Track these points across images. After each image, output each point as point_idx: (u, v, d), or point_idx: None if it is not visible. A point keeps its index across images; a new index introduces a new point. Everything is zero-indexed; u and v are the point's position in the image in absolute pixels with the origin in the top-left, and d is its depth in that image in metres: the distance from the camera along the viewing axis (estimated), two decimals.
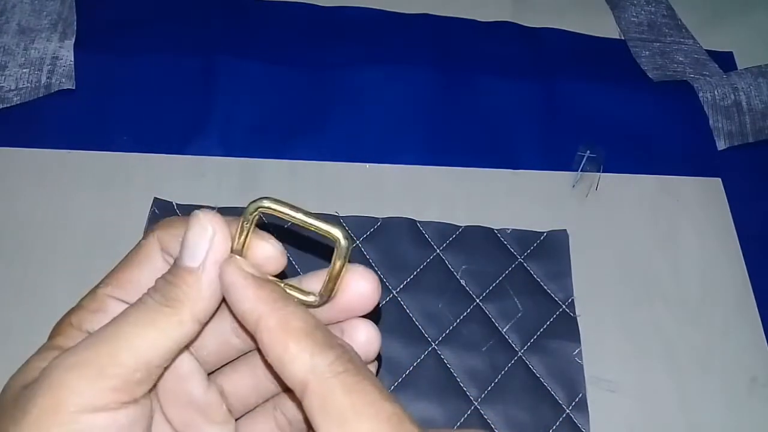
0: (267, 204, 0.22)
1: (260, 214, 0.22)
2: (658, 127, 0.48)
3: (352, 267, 0.22)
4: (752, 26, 0.54)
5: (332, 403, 0.19)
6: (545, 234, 0.42)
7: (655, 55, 0.52)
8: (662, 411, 0.37)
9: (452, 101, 0.48)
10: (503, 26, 0.53)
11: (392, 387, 0.37)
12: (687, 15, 0.54)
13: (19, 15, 0.49)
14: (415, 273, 0.41)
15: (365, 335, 0.23)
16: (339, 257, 0.22)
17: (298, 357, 0.20)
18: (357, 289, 0.22)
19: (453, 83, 0.49)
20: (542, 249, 0.42)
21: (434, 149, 0.46)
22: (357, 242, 0.41)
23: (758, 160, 0.47)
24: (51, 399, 0.19)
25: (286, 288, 0.22)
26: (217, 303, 0.22)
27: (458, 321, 0.39)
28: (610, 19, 0.54)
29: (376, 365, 0.24)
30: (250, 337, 0.22)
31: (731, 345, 0.40)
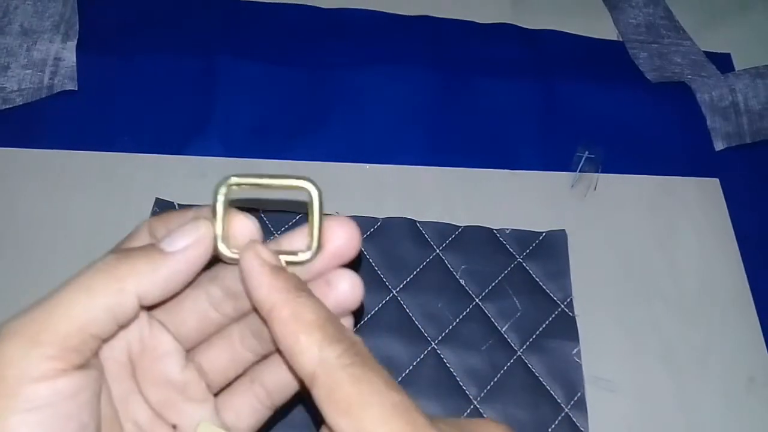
0: (235, 180, 0.22)
1: (231, 192, 0.22)
2: (656, 128, 0.48)
3: (329, 216, 0.23)
4: (750, 28, 0.55)
5: (340, 394, 0.19)
6: (544, 234, 0.43)
7: (653, 57, 0.52)
8: (660, 410, 0.37)
9: (452, 102, 0.49)
10: (502, 28, 0.53)
11: None
12: (685, 17, 0.55)
13: (22, 16, 0.50)
14: (415, 273, 0.41)
15: (349, 282, 0.23)
16: (315, 206, 0.22)
17: (308, 349, 0.20)
18: (341, 234, 0.23)
19: (452, 84, 0.49)
20: (541, 249, 0.42)
21: (434, 149, 0.46)
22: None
23: (756, 161, 0.48)
24: None
25: (279, 252, 0.23)
26: (164, 296, 0.22)
27: (458, 320, 0.39)
28: (609, 21, 0.55)
29: (352, 320, 0.25)
30: (263, 322, 0.22)
31: (729, 345, 0.40)
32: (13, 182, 0.43)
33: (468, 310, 0.40)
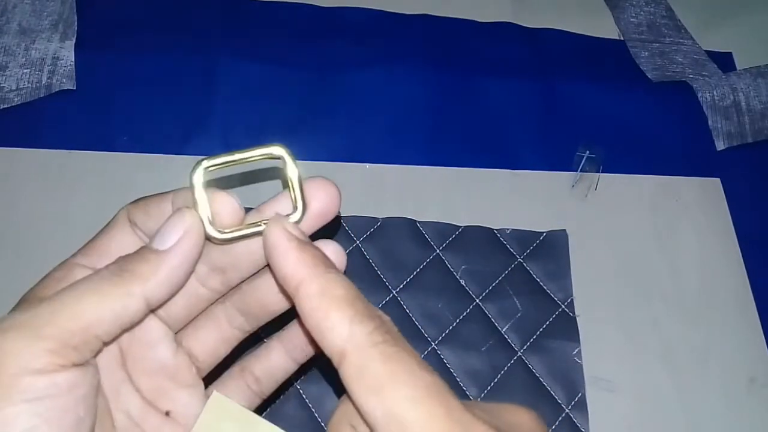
0: (207, 163, 0.23)
1: (207, 175, 0.23)
2: (658, 128, 0.48)
3: (306, 179, 0.23)
4: (751, 27, 0.55)
5: (370, 372, 0.19)
6: (545, 234, 0.42)
7: (655, 56, 0.52)
8: (661, 411, 0.37)
9: (452, 101, 0.48)
10: (503, 27, 0.53)
11: None
12: (686, 16, 0.55)
13: (20, 15, 0.49)
14: (415, 273, 0.41)
15: (332, 249, 0.23)
16: (291, 167, 0.23)
17: (338, 325, 0.19)
18: (322, 192, 0.23)
19: (453, 83, 0.49)
20: (542, 249, 0.42)
21: (434, 149, 0.46)
22: (357, 242, 0.41)
23: (757, 161, 0.48)
24: None
25: (269, 218, 0.23)
26: (170, 294, 0.22)
27: (458, 321, 0.39)
28: (610, 20, 0.54)
29: None
30: (288, 300, 0.22)
31: (730, 345, 0.40)
32: (12, 182, 0.43)
33: (468, 311, 0.40)
